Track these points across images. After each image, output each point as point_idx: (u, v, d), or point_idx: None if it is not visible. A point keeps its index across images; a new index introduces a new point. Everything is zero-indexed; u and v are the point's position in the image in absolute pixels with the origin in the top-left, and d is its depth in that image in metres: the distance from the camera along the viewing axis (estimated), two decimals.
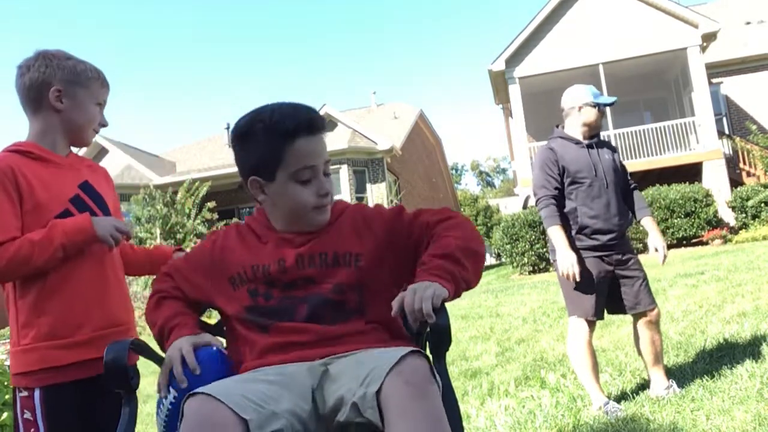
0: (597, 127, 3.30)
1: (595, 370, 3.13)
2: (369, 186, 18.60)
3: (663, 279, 7.09)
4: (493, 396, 3.75)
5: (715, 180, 14.60)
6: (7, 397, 2.75)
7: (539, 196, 3.18)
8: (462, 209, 36.09)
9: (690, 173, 14.80)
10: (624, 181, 3.34)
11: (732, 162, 16.03)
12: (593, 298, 3.07)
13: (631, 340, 3.47)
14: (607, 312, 3.24)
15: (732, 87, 18.31)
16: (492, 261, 29.57)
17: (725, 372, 3.31)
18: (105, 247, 1.72)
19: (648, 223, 3.30)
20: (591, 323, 3.11)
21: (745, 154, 16.16)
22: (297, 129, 1.42)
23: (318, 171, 1.47)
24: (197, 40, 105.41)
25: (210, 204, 16.56)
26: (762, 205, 13.21)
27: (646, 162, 15.00)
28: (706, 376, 3.29)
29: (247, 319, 1.46)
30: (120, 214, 1.91)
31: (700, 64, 15.33)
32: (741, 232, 13.15)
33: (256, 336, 1.45)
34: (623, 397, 3.25)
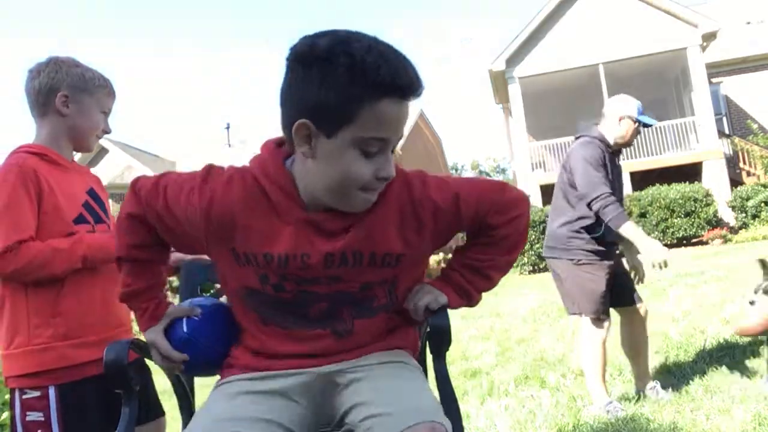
0: (628, 143, 3.25)
1: (604, 369, 3.14)
2: None
3: (663, 279, 7.09)
4: (493, 396, 3.75)
5: (715, 180, 14.60)
6: (7, 397, 2.75)
7: (599, 193, 2.95)
8: None
9: (690, 173, 14.80)
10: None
11: (732, 162, 16.03)
12: (605, 298, 3.08)
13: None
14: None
15: (732, 87, 18.31)
16: None
17: (725, 372, 3.32)
18: None
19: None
20: (605, 322, 3.12)
21: (745, 153, 16.15)
22: (393, 86, 1.06)
23: (388, 146, 1.14)
24: (198, 39, 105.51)
25: None
26: (762, 205, 13.21)
27: (646, 161, 14.98)
28: (706, 376, 3.29)
29: (248, 301, 1.27)
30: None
31: (700, 63, 15.33)
32: (741, 231, 13.15)
33: (253, 320, 1.29)
34: (623, 397, 3.25)
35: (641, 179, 14.40)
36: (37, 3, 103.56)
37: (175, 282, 1.94)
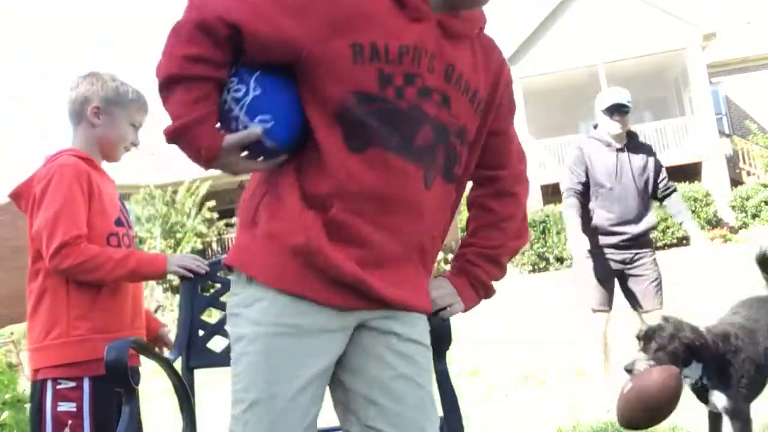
0: (620, 134, 3.29)
1: (607, 364, 3.14)
2: None
3: (663, 278, 7.07)
4: (493, 396, 3.75)
5: (715, 179, 14.59)
6: (7, 397, 2.75)
7: (563, 191, 3.27)
8: (462, 209, 36.01)
9: (690, 173, 14.79)
10: (654, 186, 3.36)
11: (732, 161, 16.01)
12: (594, 290, 3.12)
13: (632, 338, 3.49)
14: (630, 306, 3.29)
15: (732, 87, 18.30)
16: None
17: None
18: None
19: (688, 227, 3.43)
20: (600, 315, 3.14)
21: (745, 153, 16.15)
22: None
23: None
24: None
25: (210, 203, 16.55)
26: (762, 205, 13.21)
27: None
28: None
29: (348, 116, 1.08)
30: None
31: (700, 63, 15.32)
32: (741, 231, 13.15)
33: (339, 150, 1.08)
34: None
35: None
36: None
37: (176, 281, 1.95)
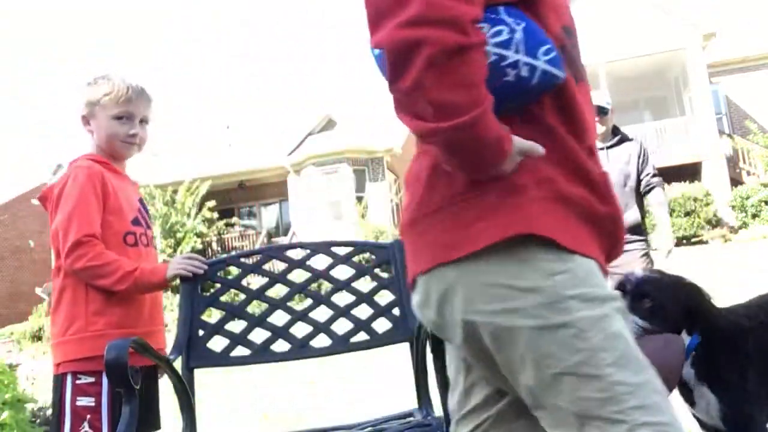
0: (602, 134, 3.28)
1: None
2: (369, 185, 18.58)
3: None
4: None
5: (715, 179, 14.59)
6: (7, 397, 2.74)
7: None
8: None
9: (690, 172, 14.80)
10: (637, 179, 3.35)
11: (732, 161, 16.01)
12: None
13: None
14: None
15: (732, 87, 18.29)
16: None
17: None
18: None
19: (658, 217, 3.57)
20: None
21: (745, 153, 16.14)
22: None
23: None
24: (197, 37, 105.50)
25: (210, 203, 16.57)
26: (762, 205, 13.22)
27: None
28: None
29: (564, 50, 1.01)
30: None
31: (700, 63, 15.33)
32: (741, 231, 13.16)
33: (571, 82, 1.01)
34: None
35: None
36: None
37: (176, 281, 1.96)
